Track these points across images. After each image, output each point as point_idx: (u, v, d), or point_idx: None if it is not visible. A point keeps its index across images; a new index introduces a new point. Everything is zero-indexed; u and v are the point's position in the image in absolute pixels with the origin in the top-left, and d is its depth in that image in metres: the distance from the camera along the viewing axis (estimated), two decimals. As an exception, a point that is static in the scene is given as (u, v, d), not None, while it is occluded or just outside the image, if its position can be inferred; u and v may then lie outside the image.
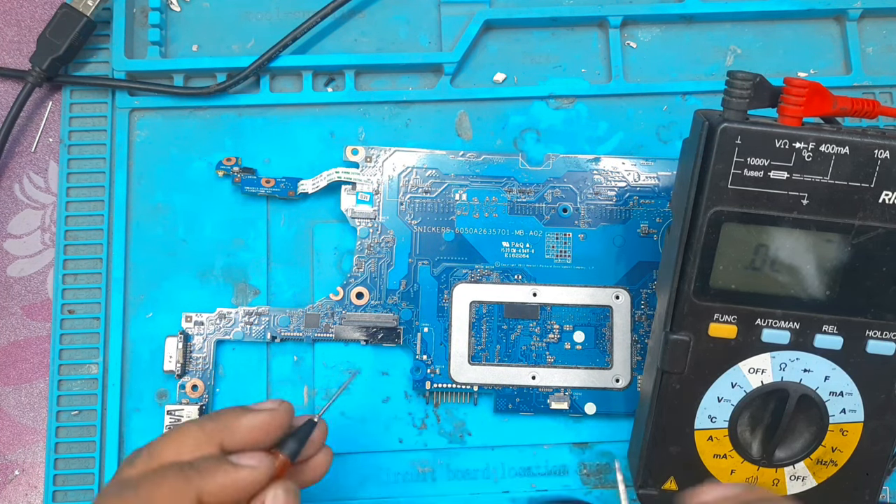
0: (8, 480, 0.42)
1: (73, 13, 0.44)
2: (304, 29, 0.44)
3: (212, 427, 0.31)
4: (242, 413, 0.32)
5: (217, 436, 0.31)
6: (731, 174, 0.33)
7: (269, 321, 0.42)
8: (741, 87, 0.33)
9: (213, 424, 0.31)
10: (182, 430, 0.31)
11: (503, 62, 0.46)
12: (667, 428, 0.37)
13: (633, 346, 0.42)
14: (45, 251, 0.44)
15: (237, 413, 0.32)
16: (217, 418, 0.32)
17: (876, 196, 0.33)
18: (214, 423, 0.31)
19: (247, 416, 0.32)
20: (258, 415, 0.32)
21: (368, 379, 0.43)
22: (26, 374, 0.43)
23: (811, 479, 0.37)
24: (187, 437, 0.31)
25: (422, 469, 0.42)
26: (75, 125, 0.45)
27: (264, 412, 0.32)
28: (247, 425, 0.32)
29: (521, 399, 0.42)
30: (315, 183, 0.43)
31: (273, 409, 0.32)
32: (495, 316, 0.42)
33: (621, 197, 0.43)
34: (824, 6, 0.46)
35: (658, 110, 0.46)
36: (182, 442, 0.31)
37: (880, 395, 0.36)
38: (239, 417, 0.32)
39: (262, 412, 0.32)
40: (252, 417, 0.32)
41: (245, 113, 0.45)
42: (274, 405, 0.33)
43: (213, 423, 0.32)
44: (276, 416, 0.32)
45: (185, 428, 0.31)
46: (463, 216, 0.43)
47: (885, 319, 0.35)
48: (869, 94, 0.46)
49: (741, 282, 0.35)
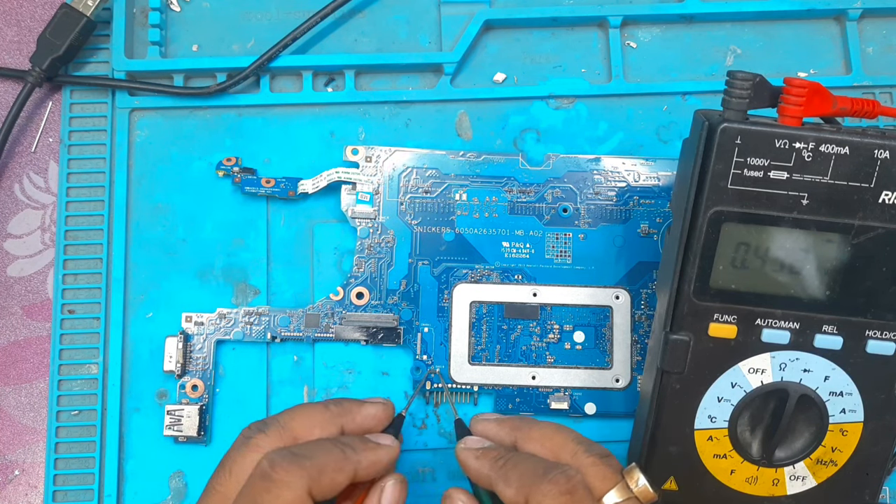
0: (8, 480, 0.42)
1: (73, 13, 0.44)
2: (304, 29, 0.44)
3: (336, 410, 0.35)
4: (362, 403, 0.36)
5: (340, 418, 0.34)
6: (731, 174, 0.33)
7: (269, 321, 0.42)
8: (741, 87, 0.33)
9: (336, 408, 0.35)
10: (310, 408, 0.34)
11: (503, 62, 0.46)
12: (667, 428, 0.37)
13: (633, 346, 0.42)
14: (45, 251, 0.44)
15: (358, 402, 0.36)
16: (340, 404, 0.35)
17: (876, 196, 0.33)
18: (338, 408, 0.35)
19: (366, 405, 0.35)
20: (375, 406, 0.36)
21: (368, 379, 0.43)
22: (26, 374, 0.43)
23: (811, 479, 0.37)
24: (316, 415, 0.34)
25: (422, 469, 0.42)
26: (75, 125, 0.45)
27: (379, 405, 0.36)
28: (366, 413, 0.35)
29: (521, 399, 0.42)
30: (315, 183, 0.43)
31: (384, 404, 0.36)
32: (495, 316, 0.42)
33: (621, 197, 0.43)
34: (824, 6, 0.46)
35: (658, 110, 0.46)
36: (313, 419, 0.34)
37: (880, 395, 0.36)
38: (360, 405, 0.35)
39: (378, 404, 0.36)
40: (371, 407, 0.35)
41: (245, 113, 0.45)
42: (383, 400, 0.36)
43: (337, 407, 0.35)
44: (387, 409, 0.36)
45: (311, 407, 0.34)
46: (463, 216, 0.43)
47: (885, 319, 0.35)
48: (869, 94, 0.46)
49: (741, 282, 0.35)
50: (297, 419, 0.34)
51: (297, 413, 0.34)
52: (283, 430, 0.33)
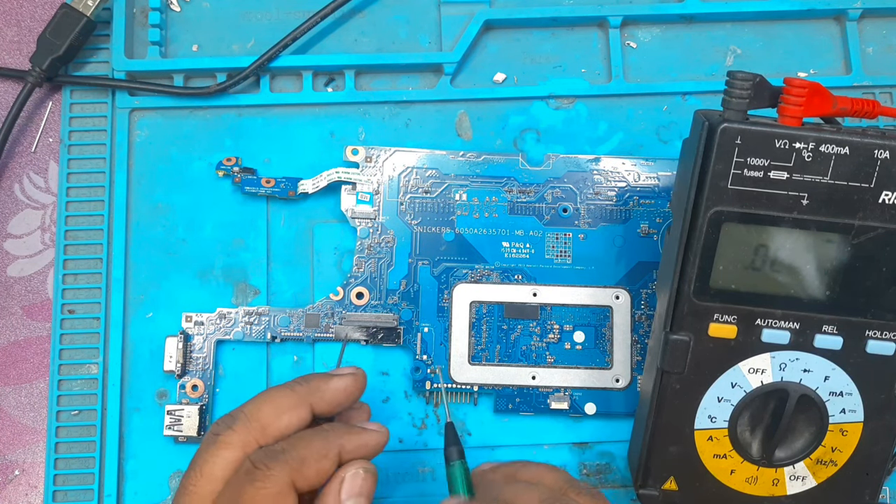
0: (8, 480, 0.42)
1: (73, 13, 0.44)
2: (304, 29, 0.44)
3: (302, 390, 0.34)
4: (329, 377, 0.34)
5: (307, 398, 0.33)
6: (731, 174, 0.33)
7: (269, 321, 0.42)
8: (741, 87, 0.33)
9: (302, 388, 0.34)
10: (275, 393, 0.33)
11: (503, 62, 0.46)
12: (667, 428, 0.37)
13: (633, 346, 0.42)
14: (45, 251, 0.44)
15: (324, 378, 0.34)
16: (306, 382, 0.34)
17: (876, 196, 0.33)
18: (304, 387, 0.34)
19: (333, 379, 0.34)
20: (343, 379, 0.34)
21: (368, 379, 0.43)
22: (26, 374, 0.43)
23: (811, 479, 0.37)
24: (282, 400, 0.33)
25: (422, 469, 0.42)
26: (75, 125, 0.45)
27: (348, 376, 0.34)
28: (334, 388, 0.34)
29: (521, 399, 0.42)
30: (315, 183, 0.43)
31: (354, 374, 0.35)
32: (495, 316, 0.42)
33: (621, 197, 0.43)
34: (824, 6, 0.46)
35: (658, 110, 0.46)
36: (279, 405, 0.33)
37: (880, 395, 0.36)
38: (327, 381, 0.34)
39: (346, 376, 0.34)
40: (339, 381, 0.34)
41: (245, 113, 0.45)
42: (353, 370, 0.35)
43: (303, 386, 0.34)
44: (357, 380, 0.35)
45: (276, 391, 0.33)
46: (463, 216, 0.43)
47: (885, 319, 0.35)
48: (869, 94, 0.46)
49: (741, 282, 0.35)
50: (263, 408, 0.33)
51: (262, 401, 0.33)
52: (250, 421, 0.32)
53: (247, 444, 0.32)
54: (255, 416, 0.33)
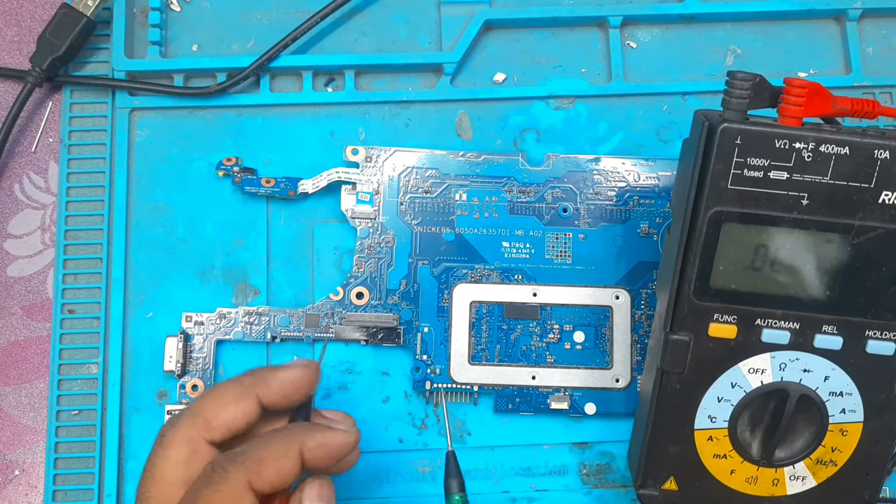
0: (8, 480, 0.42)
1: (73, 13, 0.44)
2: (304, 29, 0.44)
3: (249, 381, 0.33)
4: (277, 369, 0.34)
5: (253, 388, 0.33)
6: (731, 174, 0.33)
7: (269, 321, 0.42)
8: (741, 87, 0.33)
9: (249, 378, 0.33)
10: (220, 386, 0.33)
11: (503, 62, 0.46)
12: (667, 428, 0.37)
13: (633, 346, 0.42)
14: (45, 251, 0.44)
15: (272, 369, 0.34)
16: (253, 373, 0.34)
17: (876, 196, 0.33)
18: (251, 378, 0.33)
19: (282, 370, 0.33)
20: (292, 370, 0.33)
21: (368, 379, 0.43)
22: (26, 374, 0.43)
23: (811, 479, 0.37)
24: (226, 391, 0.33)
25: (422, 469, 0.42)
26: (75, 125, 0.45)
27: (298, 367, 0.34)
28: (281, 378, 0.33)
29: (521, 399, 0.42)
30: (315, 183, 0.43)
31: (305, 366, 0.34)
32: (495, 316, 0.42)
33: (621, 197, 0.43)
34: (824, 6, 0.46)
35: (658, 110, 0.46)
36: (222, 395, 0.33)
37: (880, 395, 0.36)
38: (275, 372, 0.33)
39: (296, 367, 0.34)
40: (287, 372, 0.33)
41: (245, 113, 0.45)
42: (304, 362, 0.34)
43: (250, 377, 0.33)
44: (308, 371, 0.34)
45: (222, 384, 0.33)
46: (463, 216, 0.43)
47: (885, 319, 0.35)
48: (869, 94, 0.46)
49: (741, 282, 0.35)
50: (206, 402, 0.32)
51: (207, 396, 0.33)
52: (194, 417, 0.32)
53: (192, 439, 0.32)
54: (198, 410, 0.32)
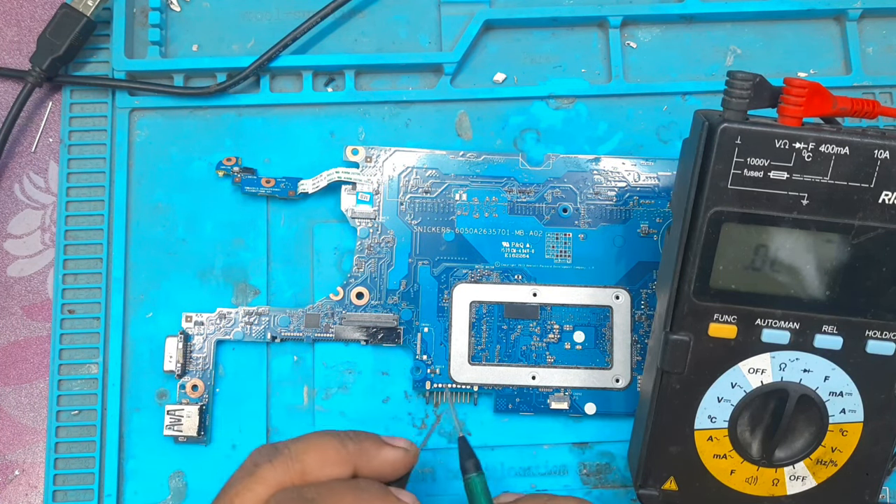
0: (8, 480, 0.42)
1: (73, 13, 0.44)
2: (304, 29, 0.44)
3: (353, 449, 0.32)
4: (382, 444, 0.33)
5: (356, 459, 0.32)
6: (731, 174, 0.33)
7: (269, 321, 0.42)
8: (741, 87, 0.33)
9: (354, 447, 0.32)
10: (326, 443, 0.32)
11: (503, 62, 0.46)
12: (667, 428, 0.37)
13: (633, 346, 0.42)
14: (45, 251, 0.44)
15: (377, 443, 0.33)
16: (359, 441, 0.33)
17: (876, 196, 0.33)
18: (356, 446, 0.32)
19: (386, 449, 0.33)
20: (396, 451, 0.33)
21: (368, 379, 0.43)
22: (26, 374, 0.43)
23: (811, 479, 0.37)
24: (330, 451, 0.32)
25: (422, 469, 0.42)
26: (75, 125, 0.45)
27: (401, 451, 0.33)
28: (384, 458, 0.33)
29: (521, 399, 0.42)
30: (315, 183, 0.43)
31: (408, 450, 0.34)
32: (495, 316, 0.42)
33: (621, 197, 0.43)
34: (824, 6, 0.46)
35: (658, 110, 0.46)
36: (326, 456, 0.32)
37: (880, 395, 0.36)
38: (379, 448, 0.33)
39: (398, 450, 0.33)
40: (391, 452, 0.33)
41: (245, 113, 0.45)
42: (407, 445, 0.34)
43: (355, 445, 0.32)
44: (409, 456, 0.33)
45: (328, 440, 0.32)
46: (463, 216, 0.43)
47: (885, 319, 0.35)
48: (869, 94, 0.46)
49: (741, 282, 0.35)
50: (310, 453, 0.32)
51: (310, 445, 0.32)
52: (293, 462, 0.31)
53: (282, 484, 0.31)
54: (299, 457, 0.31)
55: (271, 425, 0.42)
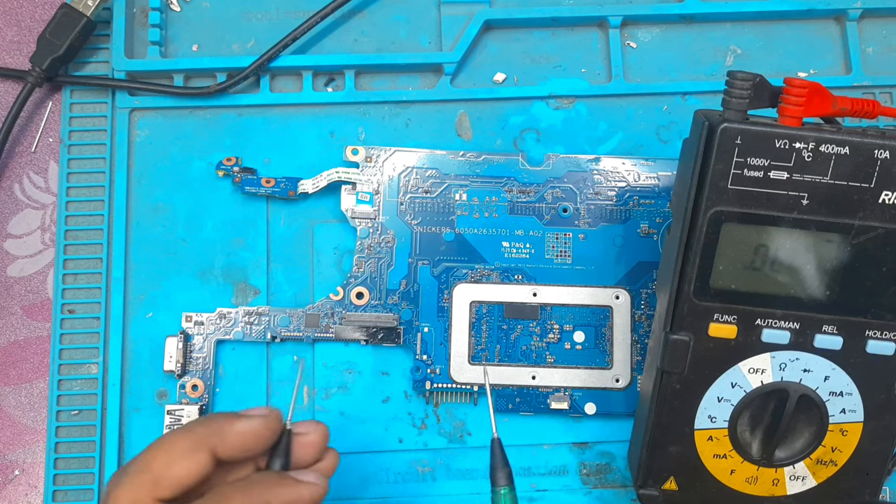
0: (8, 480, 0.42)
1: (73, 13, 0.44)
2: (304, 29, 0.44)
3: (202, 432, 0.30)
4: (234, 418, 0.31)
5: (207, 441, 0.30)
6: (731, 174, 0.33)
7: (269, 321, 0.42)
8: (741, 87, 0.33)
9: (203, 429, 0.30)
10: (170, 439, 0.30)
11: (503, 62, 0.46)
12: (667, 428, 0.37)
13: (633, 346, 0.42)
14: (45, 251, 0.44)
15: (229, 418, 0.31)
16: (207, 423, 0.31)
17: (876, 196, 0.33)
18: (204, 428, 0.30)
19: (239, 421, 0.31)
20: (251, 420, 0.31)
21: (368, 379, 0.43)
22: (26, 374, 0.43)
23: (811, 479, 0.37)
24: (176, 443, 0.30)
25: (422, 469, 0.42)
26: (75, 125, 0.45)
27: (257, 418, 0.31)
28: (239, 430, 0.31)
29: (521, 399, 0.42)
30: (315, 183, 0.43)
31: (265, 416, 0.31)
32: (495, 316, 0.42)
33: (621, 197, 0.43)
34: (824, 6, 0.46)
35: (658, 110, 0.46)
36: (173, 451, 0.30)
37: (880, 395, 0.36)
38: (231, 423, 0.31)
39: (254, 418, 0.31)
40: (244, 423, 0.31)
41: (245, 113, 0.45)
42: (265, 411, 0.32)
43: (203, 427, 0.30)
44: (268, 422, 0.31)
45: (172, 436, 0.30)
46: (463, 216, 0.43)
47: (885, 319, 0.35)
48: (869, 94, 0.46)
49: (741, 282, 0.35)
50: (156, 456, 0.29)
51: (155, 448, 0.30)
52: (141, 474, 0.29)
53: (139, 500, 0.29)
54: (146, 466, 0.29)
55: (271, 425, 0.42)
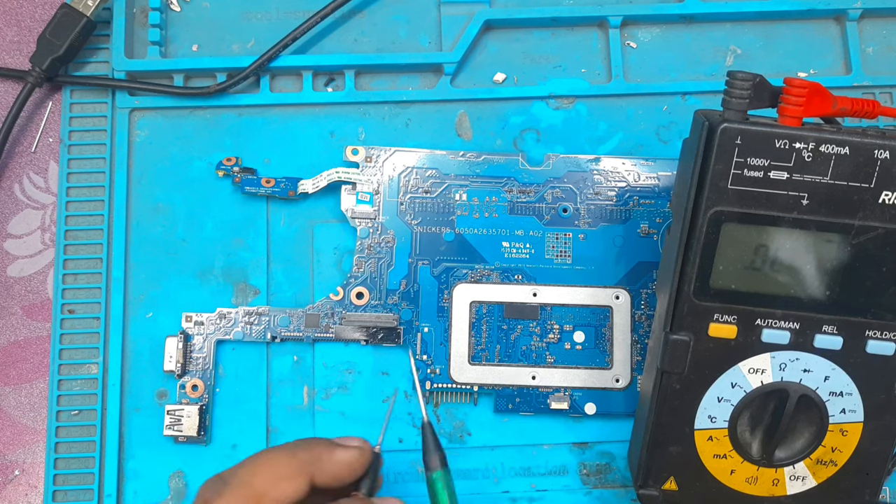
0: (8, 480, 0.42)
1: (73, 13, 0.44)
2: (304, 29, 0.44)
3: (304, 457, 0.31)
4: (334, 447, 0.32)
5: (308, 467, 0.31)
6: (731, 174, 0.33)
7: (269, 321, 0.42)
8: (741, 87, 0.33)
9: (305, 455, 0.31)
10: (273, 458, 0.31)
11: (503, 62, 0.46)
12: (667, 428, 0.37)
13: (633, 346, 0.42)
14: (45, 251, 0.44)
15: (329, 447, 0.32)
16: (309, 449, 0.32)
17: (876, 196, 0.33)
18: (307, 454, 0.31)
19: (338, 451, 0.32)
20: (348, 452, 0.32)
21: (368, 379, 0.43)
22: (26, 374, 0.43)
23: (811, 479, 0.37)
24: (280, 466, 0.31)
25: (421, 469, 0.42)
26: (75, 125, 0.45)
27: (354, 450, 0.32)
28: (338, 461, 0.32)
29: (521, 399, 0.42)
30: (315, 183, 0.43)
31: (361, 448, 0.32)
32: (495, 316, 0.42)
33: (621, 197, 0.43)
34: (824, 6, 0.46)
35: (658, 110, 0.46)
36: (277, 471, 0.30)
37: (880, 395, 0.36)
38: (331, 452, 0.32)
39: (351, 449, 0.32)
40: (343, 453, 0.32)
41: (245, 113, 0.45)
42: (360, 443, 0.33)
43: (306, 453, 0.31)
44: (363, 455, 0.32)
45: (275, 455, 0.31)
46: (463, 216, 0.43)
47: (885, 319, 0.35)
48: (869, 94, 0.46)
49: (741, 282, 0.35)
50: (259, 473, 0.30)
51: (259, 466, 0.31)
52: (243, 488, 0.30)
53: None
54: (249, 482, 0.30)
55: (271, 425, 0.42)
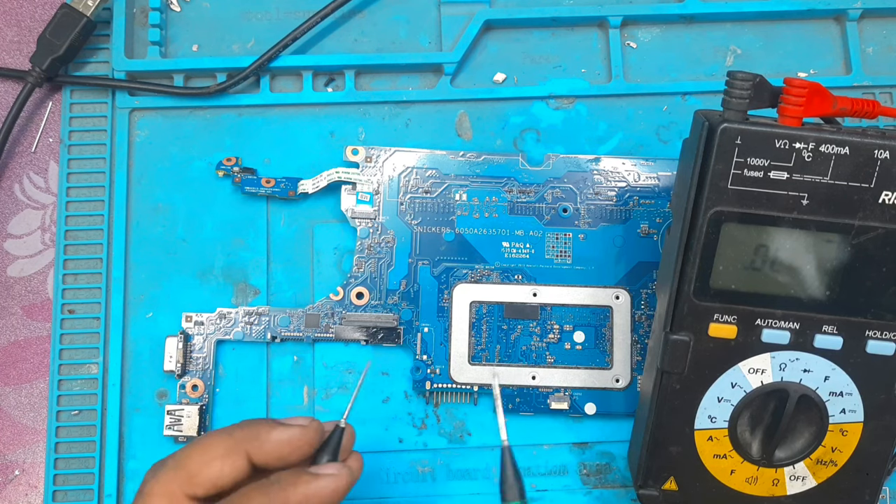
0: (8, 480, 0.42)
1: (73, 13, 0.44)
2: (304, 29, 0.44)
3: (241, 435, 0.31)
4: (273, 426, 0.31)
5: (244, 445, 0.31)
6: (731, 174, 0.33)
7: (269, 321, 0.42)
8: (741, 88, 0.33)
9: (241, 433, 0.31)
10: (209, 439, 0.31)
11: (503, 62, 0.46)
12: (667, 428, 0.37)
13: (633, 346, 0.42)
14: (45, 251, 0.44)
15: (268, 425, 0.31)
16: (246, 428, 0.31)
17: (876, 196, 0.33)
18: (243, 433, 0.31)
19: (277, 429, 0.31)
20: (288, 429, 0.31)
21: (368, 379, 0.43)
22: (26, 374, 0.43)
23: (811, 479, 0.37)
24: (214, 445, 0.30)
25: (422, 469, 0.42)
26: (75, 125, 0.45)
27: (295, 427, 0.31)
28: (276, 439, 0.31)
29: (521, 399, 0.42)
30: (315, 183, 0.43)
31: (304, 426, 0.32)
32: (495, 316, 0.42)
33: (621, 197, 0.43)
34: (824, 6, 0.46)
35: (658, 110, 0.46)
36: (210, 451, 0.30)
37: (880, 396, 0.36)
38: (270, 430, 0.31)
39: (292, 427, 0.31)
40: (282, 431, 0.31)
41: (245, 113, 0.45)
42: (305, 422, 0.32)
43: (242, 431, 0.31)
44: (306, 432, 0.31)
45: (211, 436, 0.31)
46: (463, 216, 0.43)
47: (885, 319, 0.35)
48: (869, 94, 0.46)
49: (741, 282, 0.35)
50: (193, 454, 0.30)
51: (194, 447, 0.31)
52: (178, 469, 0.30)
53: (173, 494, 0.29)
54: (183, 463, 0.30)
55: (271, 425, 0.42)
